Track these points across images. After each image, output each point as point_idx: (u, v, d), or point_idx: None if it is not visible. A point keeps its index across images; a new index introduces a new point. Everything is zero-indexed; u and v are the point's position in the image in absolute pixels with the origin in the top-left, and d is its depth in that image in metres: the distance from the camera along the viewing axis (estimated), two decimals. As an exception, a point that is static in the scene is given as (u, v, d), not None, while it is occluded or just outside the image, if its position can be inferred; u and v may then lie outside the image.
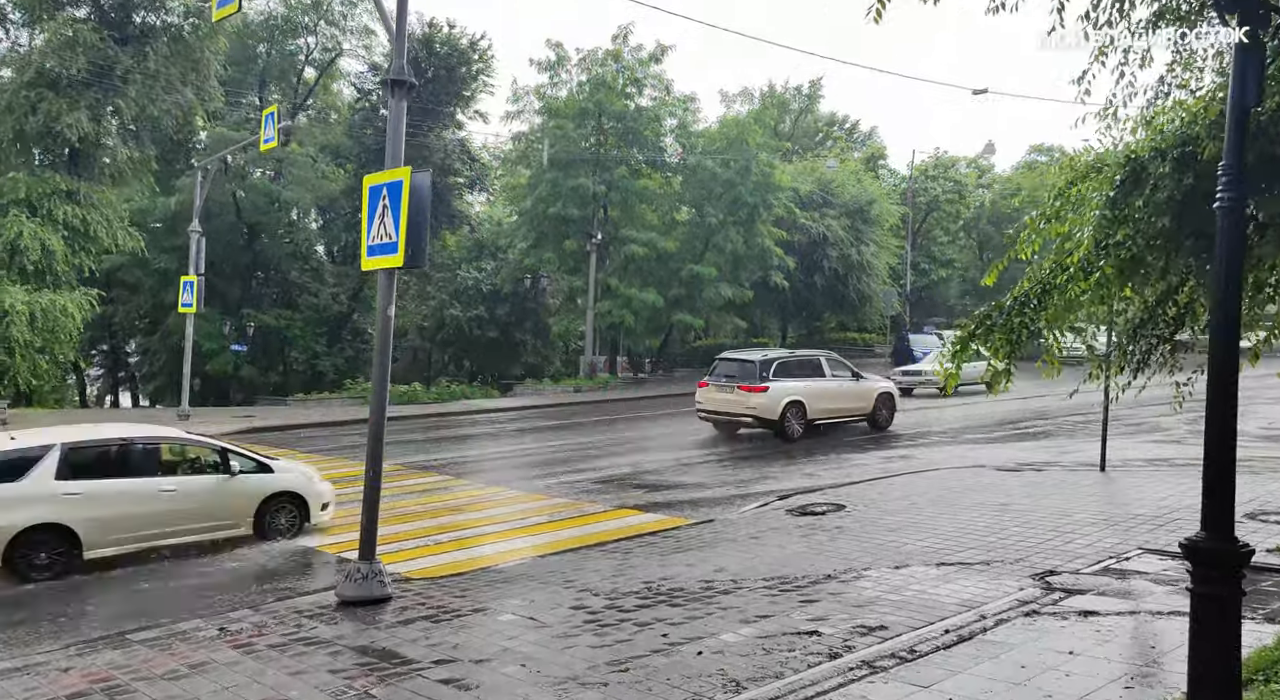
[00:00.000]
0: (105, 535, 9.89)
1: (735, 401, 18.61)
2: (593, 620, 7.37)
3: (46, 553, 9.53)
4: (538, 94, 36.06)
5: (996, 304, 6.07)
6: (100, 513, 9.82)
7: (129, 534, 10.09)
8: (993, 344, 5.81)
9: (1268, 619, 6.61)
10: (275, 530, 10.97)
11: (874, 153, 53.02)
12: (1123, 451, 14.97)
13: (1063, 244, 5.72)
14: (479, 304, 41.85)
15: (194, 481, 10.67)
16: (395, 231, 8.17)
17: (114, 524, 9.94)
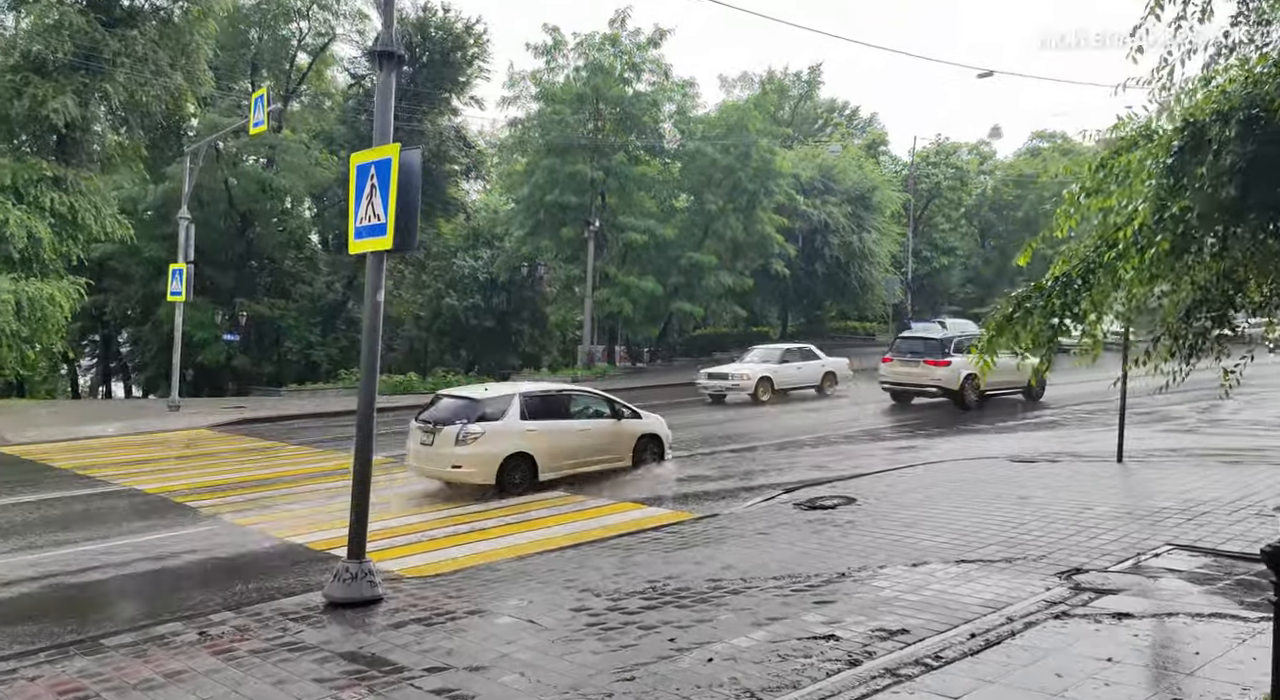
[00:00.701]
0: (550, 462, 13.10)
1: (920, 374, 21.53)
2: (596, 623, 6.95)
3: (519, 474, 12.75)
4: (534, 79, 35.55)
5: (1036, 285, 5.61)
6: (547, 445, 13.09)
7: (563, 461, 13.30)
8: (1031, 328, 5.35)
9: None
10: (643, 462, 14.16)
11: (875, 139, 52.52)
12: (1136, 442, 14.54)
13: (1106, 219, 5.28)
14: (475, 293, 41.42)
15: (598, 423, 13.94)
16: (384, 212, 7.72)
17: (555, 454, 13.18)
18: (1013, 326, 5.40)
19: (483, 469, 12.48)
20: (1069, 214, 5.54)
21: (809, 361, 26.30)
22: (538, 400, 13.43)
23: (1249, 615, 6.35)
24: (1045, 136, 56.07)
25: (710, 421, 20.90)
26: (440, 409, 13.21)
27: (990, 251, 51.37)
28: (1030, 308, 5.42)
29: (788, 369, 25.57)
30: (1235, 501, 9.70)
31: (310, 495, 13.16)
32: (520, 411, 13.01)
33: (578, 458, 13.43)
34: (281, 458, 16.95)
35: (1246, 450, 14.36)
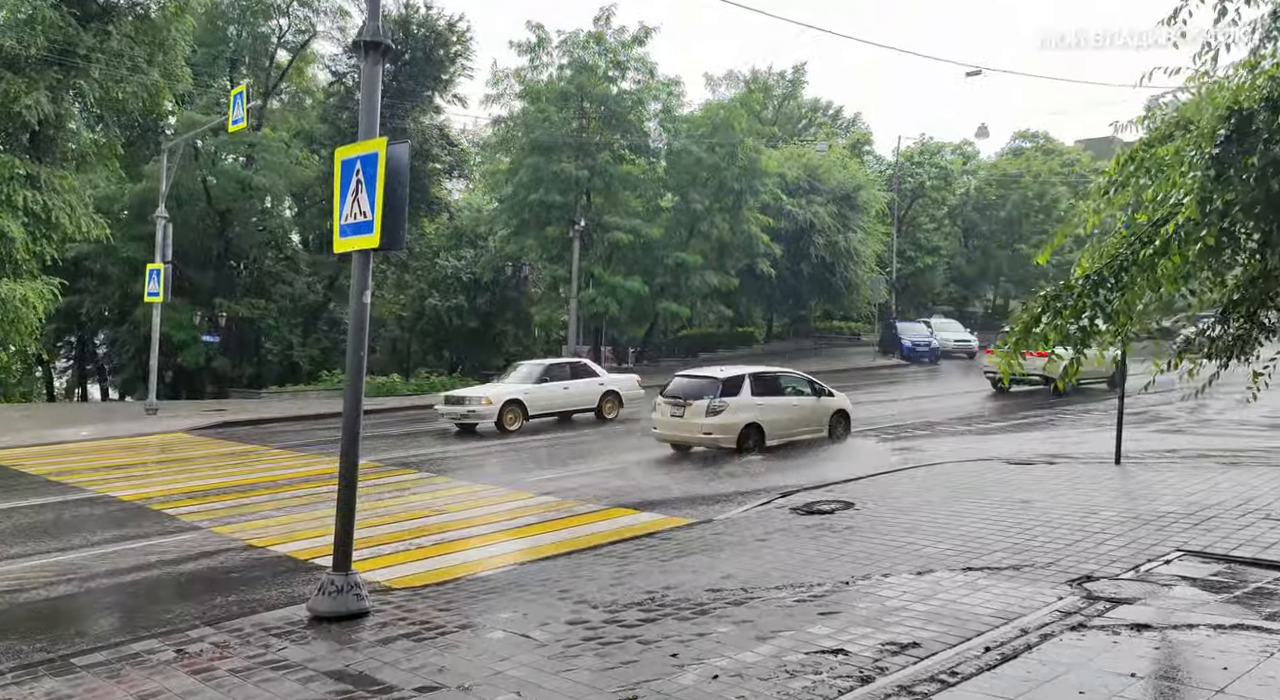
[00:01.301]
0: (773, 431, 15.84)
1: (1025, 364, 22.92)
2: (593, 637, 6.66)
3: (752, 440, 15.47)
4: (518, 77, 35.20)
5: (1065, 284, 5.36)
6: (771, 417, 15.83)
7: (781, 431, 16.01)
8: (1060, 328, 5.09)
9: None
10: (835, 436, 16.80)
11: (859, 139, 52.43)
12: (1131, 442, 14.33)
13: (1133, 216, 5.03)
14: (459, 293, 40.97)
15: (804, 400, 16.59)
16: (370, 209, 7.40)
17: (776, 424, 15.90)
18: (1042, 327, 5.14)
19: (728, 435, 15.39)
20: (1096, 210, 5.29)
21: (580, 380, 21.53)
22: (761, 380, 16.22)
23: (1273, 626, 6.14)
24: (1027, 136, 56.19)
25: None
26: (685, 387, 16.09)
27: (973, 251, 51.40)
28: (1060, 307, 5.17)
29: (548, 390, 20.66)
30: (1240, 505, 9.52)
31: (293, 502, 12.80)
32: (750, 389, 15.81)
33: (790, 428, 16.32)
34: (263, 462, 16.55)
35: (1243, 451, 14.23)
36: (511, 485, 13.56)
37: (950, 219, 52.02)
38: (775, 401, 16.06)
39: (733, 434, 15.26)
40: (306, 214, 42.04)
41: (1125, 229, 5.17)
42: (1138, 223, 5.01)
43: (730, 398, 15.42)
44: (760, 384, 16.01)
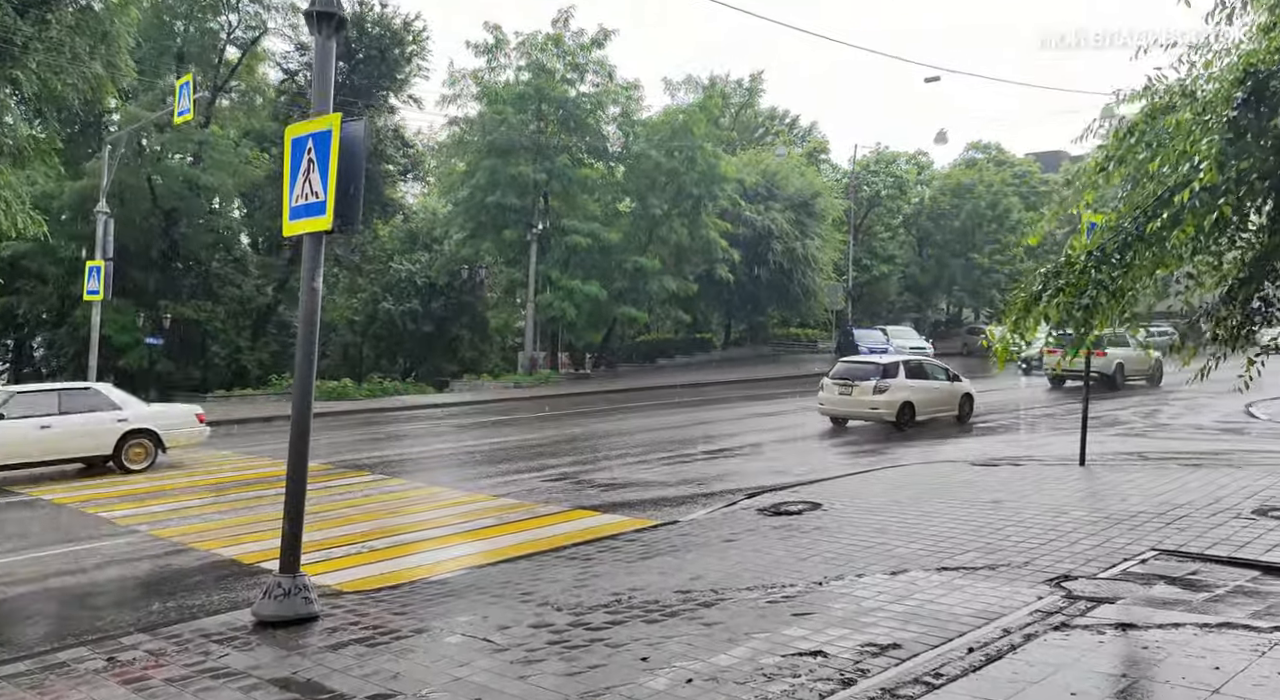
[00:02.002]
0: (921, 409, 18.76)
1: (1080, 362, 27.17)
2: (557, 641, 6.30)
3: (906, 415, 18.40)
4: (475, 78, 34.78)
5: (1066, 260, 5.13)
6: (920, 397, 18.74)
7: (927, 409, 18.96)
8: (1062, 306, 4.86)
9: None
10: (962, 417, 19.72)
11: (815, 147, 52.71)
12: (1092, 445, 14.22)
13: (1133, 191, 4.82)
14: (413, 297, 40.30)
15: (941, 383, 19.48)
16: (323, 189, 6.99)
17: (923, 403, 18.80)
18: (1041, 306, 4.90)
19: (890, 410, 18.24)
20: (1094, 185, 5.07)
21: (75, 417, 14.62)
22: (910, 366, 19.06)
23: (1259, 625, 5.98)
24: (980, 147, 56.94)
25: None
26: (850, 371, 19.05)
27: (927, 260, 51.87)
28: (1061, 285, 4.94)
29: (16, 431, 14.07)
30: (1210, 505, 9.45)
31: (238, 505, 12.24)
32: (904, 373, 18.72)
33: (932, 407, 19.18)
34: (208, 466, 15.90)
35: (1202, 453, 14.29)
36: (470, 487, 13.14)
37: (905, 228, 52.49)
38: (922, 384, 19.06)
39: (893, 409, 18.27)
40: (256, 215, 41.10)
41: (1127, 204, 4.98)
42: (1141, 196, 4.82)
43: (890, 380, 18.45)
44: (910, 370, 18.98)
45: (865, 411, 18.65)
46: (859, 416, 18.96)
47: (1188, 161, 4.38)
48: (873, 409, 18.44)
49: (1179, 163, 4.53)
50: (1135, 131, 4.91)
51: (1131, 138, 4.97)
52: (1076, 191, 5.21)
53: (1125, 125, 5.02)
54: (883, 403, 18.26)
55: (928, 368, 19.73)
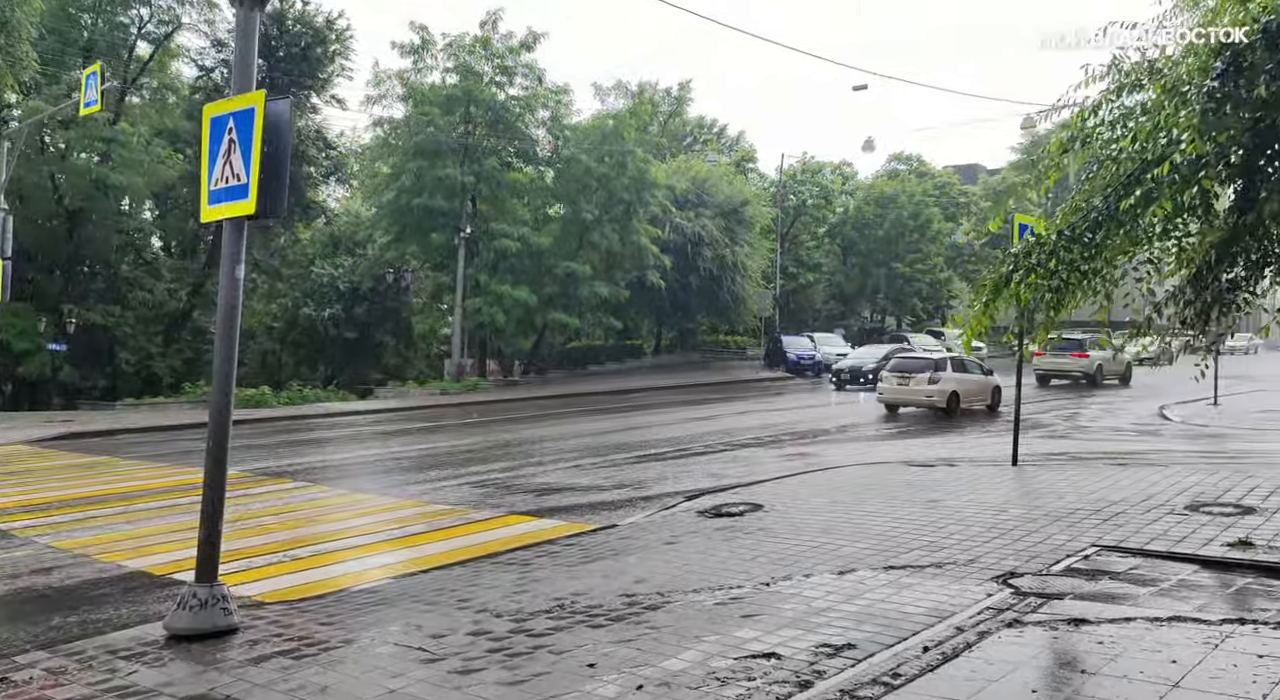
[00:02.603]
0: (964, 398, 21.92)
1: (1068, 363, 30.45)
2: (498, 648, 5.97)
3: (952, 403, 21.51)
4: (401, 79, 34.07)
5: (1038, 239, 5.00)
6: (964, 388, 21.91)
7: (967, 398, 22.02)
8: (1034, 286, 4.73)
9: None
10: (993, 405, 22.62)
11: (743, 156, 53.12)
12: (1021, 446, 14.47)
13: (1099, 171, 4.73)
14: (335, 303, 39.18)
15: (979, 377, 22.85)
16: (245, 171, 6.54)
17: (966, 393, 21.90)
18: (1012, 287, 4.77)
19: (941, 398, 21.44)
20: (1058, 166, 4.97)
21: None
22: (955, 361, 22.47)
23: (1208, 617, 5.97)
24: (902, 159, 58.14)
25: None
26: (906, 365, 22.84)
27: (852, 269, 52.67)
28: (1032, 265, 4.82)
29: None
30: (1143, 501, 9.56)
31: (149, 514, 11.53)
32: (951, 367, 22.21)
33: (970, 397, 22.35)
34: (115, 474, 15.04)
35: (1125, 454, 14.61)
36: (398, 493, 12.65)
37: (830, 237, 53.23)
38: (965, 377, 22.39)
39: (944, 398, 21.46)
40: (170, 217, 39.53)
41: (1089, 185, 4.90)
42: (1109, 176, 4.73)
43: (941, 373, 21.93)
44: (955, 364, 22.50)
45: (920, 399, 22.04)
46: (914, 403, 22.36)
47: (1164, 135, 4.31)
48: (927, 397, 21.78)
49: (1152, 138, 4.46)
50: (1097, 113, 4.83)
51: (1093, 118, 4.90)
52: (1038, 175, 5.11)
53: (1089, 104, 4.95)
54: (936, 392, 21.64)
55: (968, 364, 23.15)
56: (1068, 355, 30.27)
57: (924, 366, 22.34)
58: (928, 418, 22.18)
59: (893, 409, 22.93)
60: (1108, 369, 30.68)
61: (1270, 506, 9.06)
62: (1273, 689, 4.73)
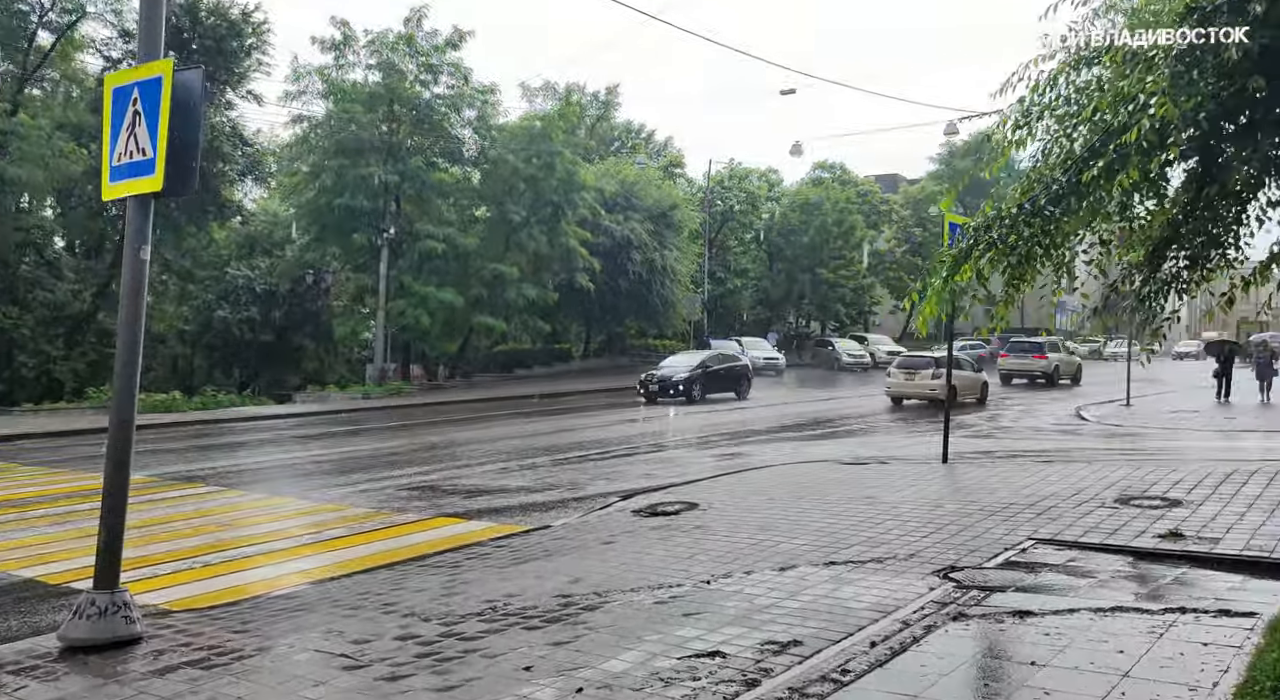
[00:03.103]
0: (961, 392, 23.54)
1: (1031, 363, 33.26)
2: (428, 653, 5.62)
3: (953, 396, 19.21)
4: (321, 75, 33.17)
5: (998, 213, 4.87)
6: (961, 383, 23.01)
7: (962, 393, 23.87)
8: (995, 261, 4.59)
9: (1222, 612, 5.83)
10: (981, 398, 25.79)
11: (671, 161, 53.18)
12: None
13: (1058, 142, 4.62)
14: (251, 305, 37.86)
15: (971, 373, 25.60)
16: (152, 146, 6.09)
17: (962, 387, 23.63)
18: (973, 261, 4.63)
19: (942, 392, 19.75)
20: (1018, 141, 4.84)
21: None
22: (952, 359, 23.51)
23: (1149, 607, 5.96)
24: (826, 167, 58.99)
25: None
26: (911, 362, 25.44)
27: (778, 274, 53.16)
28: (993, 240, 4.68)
29: None
30: (1074, 496, 9.65)
31: (44, 520, 10.79)
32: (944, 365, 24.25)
33: (965, 391, 24.44)
34: (11, 480, 14.11)
35: (1049, 451, 14.87)
36: (319, 497, 12.10)
37: (757, 243, 53.65)
38: (960, 373, 23.95)
39: (944, 391, 22.55)
40: (73, 214, 37.70)
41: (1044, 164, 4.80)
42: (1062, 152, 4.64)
43: (941, 369, 22.61)
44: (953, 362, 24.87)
45: (924, 392, 24.47)
46: (919, 396, 24.85)
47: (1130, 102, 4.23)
48: (930, 390, 24.07)
49: (1114, 108, 4.37)
50: (1055, 84, 4.74)
51: (1051, 91, 4.81)
52: (996, 147, 5.00)
53: (1045, 79, 4.86)
54: (938, 386, 23.35)
55: (962, 362, 25.12)
56: (1030, 357, 33.34)
57: (927, 364, 24.68)
58: (856, 418, 22.36)
59: (898, 401, 25.33)
60: (1063, 369, 33.84)
61: (1195, 499, 9.22)
62: (1222, 677, 4.68)
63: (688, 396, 26.67)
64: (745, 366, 29.72)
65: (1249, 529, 7.91)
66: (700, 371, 27.63)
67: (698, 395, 26.94)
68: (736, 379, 28.74)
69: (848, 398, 30.01)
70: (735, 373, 28.90)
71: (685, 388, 26.82)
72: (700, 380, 27.37)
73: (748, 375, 29.29)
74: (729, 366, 28.98)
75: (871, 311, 60.28)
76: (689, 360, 29.18)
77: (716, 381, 28.05)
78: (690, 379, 27.10)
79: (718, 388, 28.02)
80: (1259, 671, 4.50)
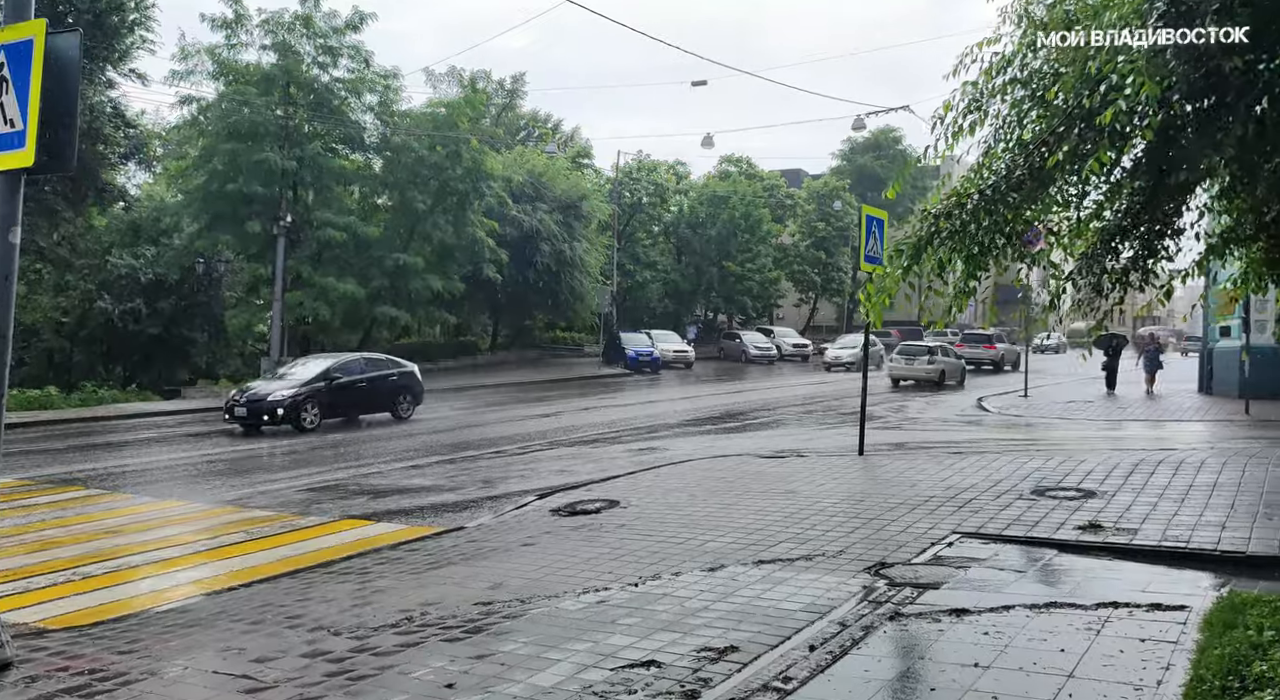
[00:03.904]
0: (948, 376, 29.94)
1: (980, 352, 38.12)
2: (339, 671, 5.19)
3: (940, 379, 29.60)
4: (212, 55, 31.48)
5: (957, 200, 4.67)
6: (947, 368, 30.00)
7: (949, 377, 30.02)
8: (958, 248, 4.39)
9: (1154, 606, 5.83)
10: (960, 382, 30.24)
11: (579, 151, 52.68)
12: (856, 438, 14.61)
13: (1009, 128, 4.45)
14: (136, 296, 35.77)
15: (954, 360, 30.98)
16: (22, 116, 5.45)
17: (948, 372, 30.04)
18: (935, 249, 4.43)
19: (935, 374, 28.39)
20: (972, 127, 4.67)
21: None
22: (943, 348, 29.97)
23: (1083, 602, 5.92)
24: (733, 161, 59.38)
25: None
26: (908, 349, 30.07)
27: (686, 268, 53.28)
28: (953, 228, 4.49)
29: None
30: (992, 488, 9.71)
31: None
32: (940, 353, 29.76)
33: (951, 376, 29.76)
34: None
35: (958, 443, 15.08)
36: (213, 500, 11.36)
37: (666, 236, 53.64)
38: (948, 360, 30.08)
39: (937, 374, 28.98)
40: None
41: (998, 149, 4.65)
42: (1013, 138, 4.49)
43: (935, 356, 29.55)
44: (943, 351, 30.33)
45: (921, 374, 29.28)
46: (916, 378, 29.42)
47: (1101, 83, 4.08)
48: (926, 374, 29.13)
49: (1077, 92, 4.23)
50: (1011, 62, 4.57)
51: (1003, 75, 4.65)
52: (943, 137, 4.83)
53: (997, 62, 4.70)
54: (933, 369, 29.15)
55: (948, 351, 31.09)
56: (981, 347, 38.53)
57: (923, 352, 29.90)
58: (767, 410, 22.42)
59: (897, 382, 29.85)
60: (1007, 357, 39.16)
61: (1108, 490, 9.38)
62: (1165, 674, 4.63)
63: (295, 423, 18.74)
64: (409, 374, 21.48)
65: (1164, 519, 8.04)
66: (322, 387, 19.50)
67: (311, 422, 18.90)
68: (391, 394, 20.80)
69: (758, 390, 30.20)
70: (388, 386, 20.87)
71: (290, 411, 18.76)
72: (316, 400, 19.24)
73: (411, 389, 21.25)
74: (375, 377, 20.76)
75: (776, 304, 61.01)
76: (300, 374, 20.13)
77: (351, 399, 20.19)
78: (297, 398, 18.94)
79: (356, 408, 20.48)
80: (1205, 669, 4.45)
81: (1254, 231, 4.88)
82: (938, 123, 4.65)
